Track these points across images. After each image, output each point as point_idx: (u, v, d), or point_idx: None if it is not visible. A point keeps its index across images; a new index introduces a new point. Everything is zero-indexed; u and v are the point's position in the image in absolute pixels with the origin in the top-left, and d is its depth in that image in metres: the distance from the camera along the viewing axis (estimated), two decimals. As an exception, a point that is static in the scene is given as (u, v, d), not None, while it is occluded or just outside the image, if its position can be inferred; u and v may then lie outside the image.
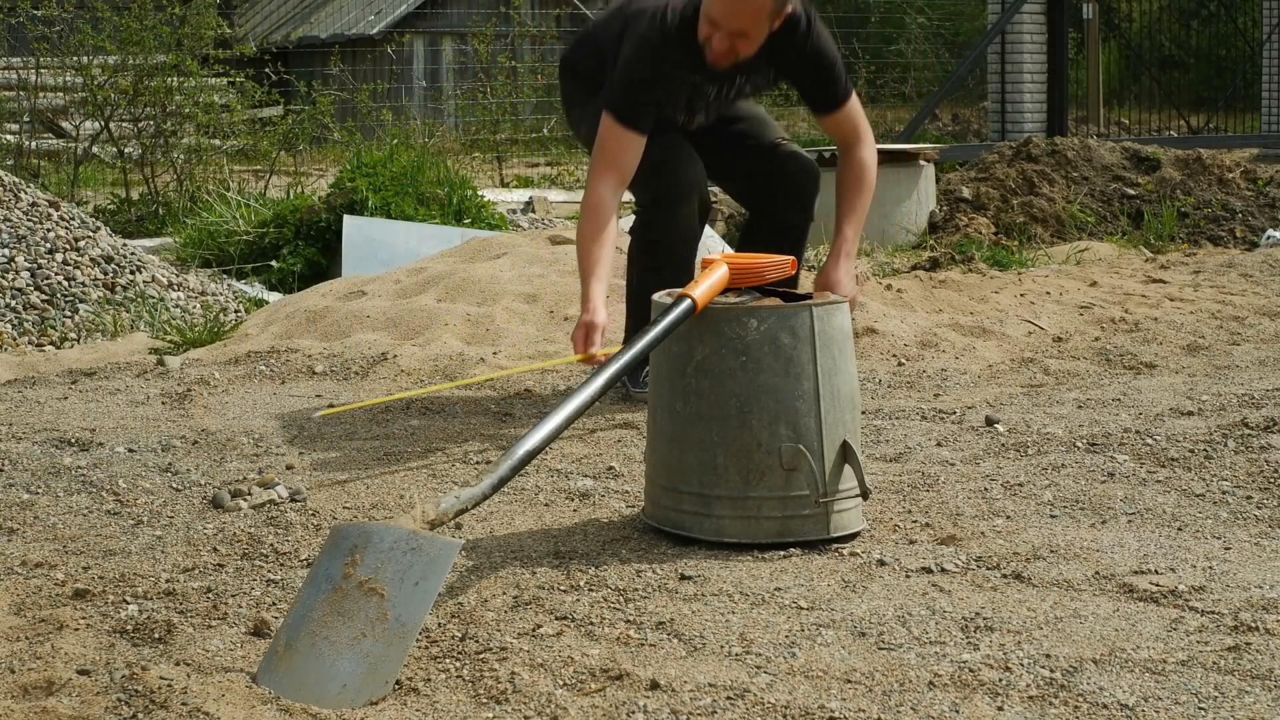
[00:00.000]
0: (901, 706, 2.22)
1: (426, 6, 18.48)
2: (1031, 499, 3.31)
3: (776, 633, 2.51)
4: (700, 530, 2.99)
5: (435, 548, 2.39)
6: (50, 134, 11.88)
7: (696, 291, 2.97)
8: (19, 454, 3.68)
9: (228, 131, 10.54)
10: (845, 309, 3.05)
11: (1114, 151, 9.39)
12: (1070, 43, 14.56)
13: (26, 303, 5.69)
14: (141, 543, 3.02)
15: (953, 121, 17.64)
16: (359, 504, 3.29)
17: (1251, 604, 2.62)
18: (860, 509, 3.06)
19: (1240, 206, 8.75)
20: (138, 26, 9.74)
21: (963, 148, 12.27)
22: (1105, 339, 5.30)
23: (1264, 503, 3.26)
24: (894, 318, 5.37)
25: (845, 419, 3.00)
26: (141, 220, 9.27)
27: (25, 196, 6.22)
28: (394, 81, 17.50)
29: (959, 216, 8.63)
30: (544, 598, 2.68)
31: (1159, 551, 2.93)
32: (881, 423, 4.07)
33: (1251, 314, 5.74)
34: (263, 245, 7.63)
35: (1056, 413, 4.15)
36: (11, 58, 11.52)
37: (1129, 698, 2.23)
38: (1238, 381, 4.54)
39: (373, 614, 2.33)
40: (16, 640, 2.45)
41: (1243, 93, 17.29)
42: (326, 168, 12.47)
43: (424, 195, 8.04)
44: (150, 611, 2.60)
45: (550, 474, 3.57)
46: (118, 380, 4.66)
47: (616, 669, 2.34)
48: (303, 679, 2.28)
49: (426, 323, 5.23)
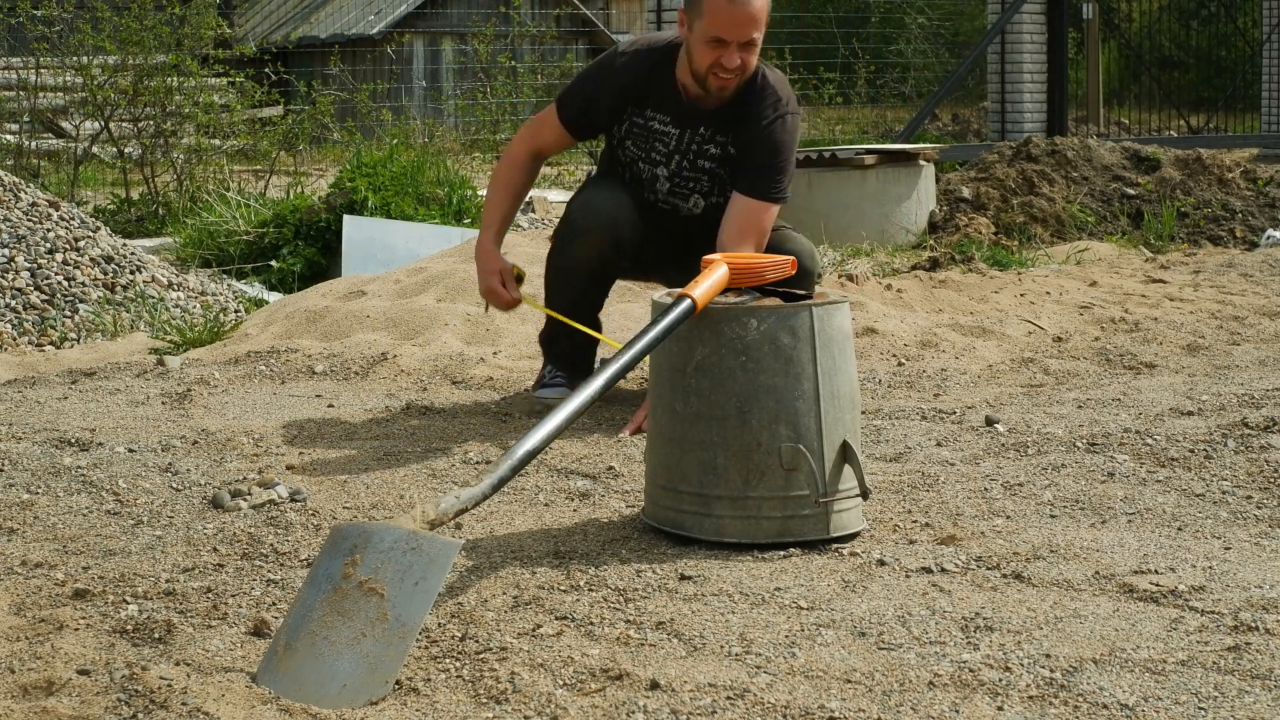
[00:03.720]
0: (901, 706, 2.22)
1: (426, 6, 18.48)
2: (1031, 499, 3.31)
3: (776, 633, 2.51)
4: (700, 530, 2.99)
5: (435, 548, 2.39)
6: (50, 134, 11.88)
7: (696, 291, 2.97)
8: (19, 454, 3.68)
9: (228, 131, 10.55)
10: (845, 309, 3.05)
11: (1114, 151, 9.39)
12: (1070, 43, 14.56)
13: (26, 303, 5.69)
14: (141, 543, 3.02)
15: (953, 121, 17.65)
16: (359, 504, 3.29)
17: (1251, 604, 2.62)
18: (860, 509, 3.06)
19: (1240, 206, 8.75)
20: (138, 26, 9.74)
21: (963, 148, 12.27)
22: (1105, 339, 5.30)
23: (1264, 503, 3.26)
24: (894, 318, 5.37)
25: (845, 419, 3.00)
26: (141, 220, 9.27)
27: (25, 196, 6.22)
28: (394, 81, 17.50)
29: (959, 216, 8.63)
30: (544, 598, 2.68)
31: (1159, 551, 2.93)
32: (881, 423, 4.07)
33: (1251, 314, 5.74)
34: (263, 245, 7.63)
35: (1056, 413, 4.15)
36: (11, 58, 11.53)
37: (1129, 698, 2.23)
38: (1238, 381, 4.54)
39: (373, 614, 2.33)
40: (16, 640, 2.45)
41: (1243, 93, 17.30)
42: (326, 168, 12.47)
43: (424, 195, 8.05)
44: (150, 611, 2.60)
45: (550, 474, 3.57)
46: (118, 380, 4.66)
47: (616, 669, 2.34)
48: (303, 679, 2.28)
49: (426, 323, 5.23)
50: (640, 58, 4.05)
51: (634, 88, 4.04)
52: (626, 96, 4.06)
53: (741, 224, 3.90)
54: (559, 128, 4.13)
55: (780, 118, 3.95)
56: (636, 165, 4.16)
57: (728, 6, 3.75)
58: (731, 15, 3.76)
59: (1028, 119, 13.14)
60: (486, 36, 14.84)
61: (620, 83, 4.05)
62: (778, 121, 3.95)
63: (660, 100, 4.04)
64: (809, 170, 8.82)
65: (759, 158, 3.95)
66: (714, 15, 3.77)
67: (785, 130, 3.96)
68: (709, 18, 3.78)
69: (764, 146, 3.95)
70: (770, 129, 3.95)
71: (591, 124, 4.15)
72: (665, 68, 4.02)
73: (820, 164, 8.86)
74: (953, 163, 10.90)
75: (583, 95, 4.11)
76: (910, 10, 20.60)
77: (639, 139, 4.11)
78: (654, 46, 4.07)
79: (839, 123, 16.94)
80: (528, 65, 16.95)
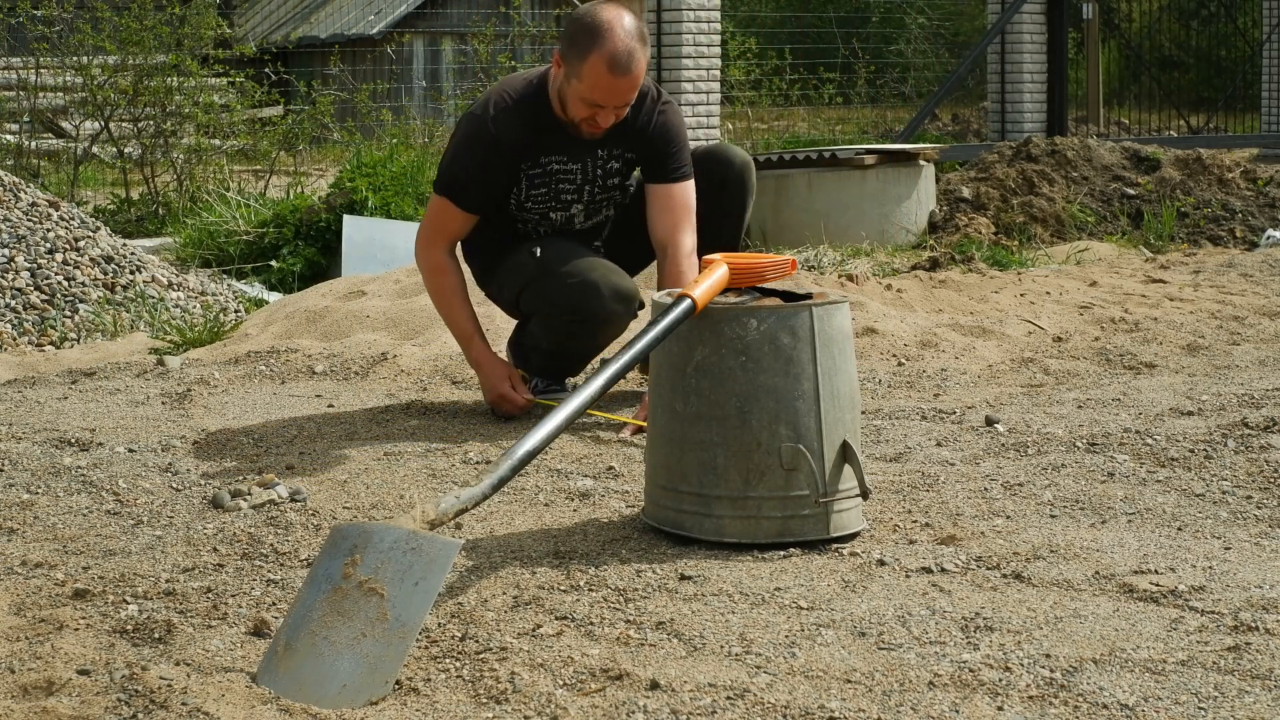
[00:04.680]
0: (901, 706, 2.22)
1: (426, 6, 18.48)
2: (1031, 499, 3.31)
3: (776, 633, 2.51)
4: (700, 530, 2.99)
5: (435, 548, 2.39)
6: (50, 134, 11.88)
7: (696, 291, 2.97)
8: (19, 454, 3.68)
9: (228, 131, 10.55)
10: (845, 309, 3.05)
11: (1114, 151, 9.39)
12: (1070, 43, 14.56)
13: (26, 303, 5.69)
14: (141, 543, 3.02)
15: (953, 121, 17.64)
16: (359, 504, 3.29)
17: (1251, 604, 2.62)
18: (860, 509, 3.06)
19: (1240, 206, 8.75)
20: (138, 26, 9.75)
21: (963, 148, 12.27)
22: (1105, 339, 5.30)
23: (1264, 503, 3.26)
24: (894, 318, 5.37)
25: (845, 419, 3.00)
26: (141, 220, 9.28)
27: (25, 196, 6.22)
28: (394, 81, 17.50)
29: (959, 216, 8.63)
30: (544, 598, 2.68)
31: (1159, 551, 2.93)
32: (881, 423, 4.07)
33: (1251, 314, 5.74)
34: (263, 245, 7.63)
35: (1056, 413, 4.15)
36: (11, 58, 11.53)
37: (1129, 698, 2.23)
38: (1238, 381, 4.54)
39: (373, 614, 2.33)
40: (16, 640, 2.45)
41: (1243, 93, 17.30)
42: (326, 168, 12.47)
43: (424, 195, 8.05)
44: (150, 611, 2.60)
45: (550, 474, 3.57)
46: (118, 380, 4.66)
47: (616, 669, 2.34)
48: (303, 679, 2.28)
49: (426, 323, 5.23)
50: (510, 115, 3.92)
51: (519, 142, 3.93)
52: (519, 153, 3.95)
53: (675, 211, 4.02)
54: (460, 214, 4.01)
55: (662, 110, 4.02)
56: (548, 217, 4.10)
57: (609, 78, 3.73)
58: (612, 86, 3.75)
59: (1028, 119, 13.14)
60: (486, 36, 14.82)
61: (504, 143, 3.92)
62: (660, 113, 4.02)
63: (551, 143, 3.96)
64: (809, 170, 8.82)
65: (662, 149, 4.03)
66: (594, 83, 3.74)
67: (671, 117, 4.04)
68: (588, 82, 3.74)
69: (661, 139, 4.02)
70: (661, 123, 4.01)
71: (489, 196, 4.02)
72: (541, 112, 3.93)
73: (820, 164, 8.86)
74: (953, 163, 10.89)
75: (472, 172, 3.97)
76: (910, 10, 20.59)
77: (541, 190, 4.03)
78: (518, 97, 3.94)
79: (839, 123, 16.93)
80: (528, 65, 16.95)
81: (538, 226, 4.14)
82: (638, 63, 3.74)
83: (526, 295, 4.09)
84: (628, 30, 3.73)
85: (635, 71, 3.75)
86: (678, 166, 4.04)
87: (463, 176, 3.99)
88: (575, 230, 4.17)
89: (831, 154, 8.93)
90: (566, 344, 4.14)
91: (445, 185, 4.03)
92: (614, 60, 3.71)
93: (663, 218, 4.02)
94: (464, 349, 4.16)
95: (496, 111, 3.93)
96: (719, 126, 11.60)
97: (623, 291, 3.97)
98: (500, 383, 4.08)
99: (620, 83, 3.75)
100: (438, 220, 4.06)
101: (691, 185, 4.06)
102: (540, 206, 4.08)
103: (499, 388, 4.08)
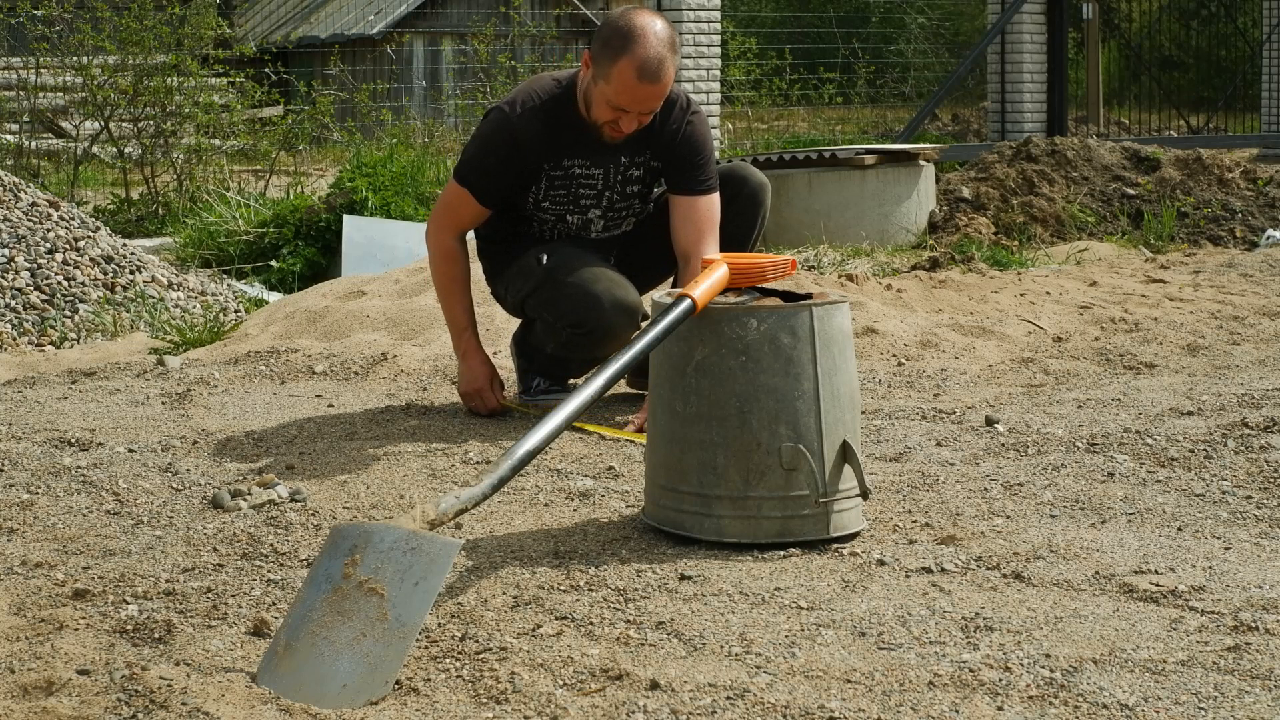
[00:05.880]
0: (901, 706, 2.22)
1: (426, 6, 18.48)
2: (1031, 499, 3.31)
3: (776, 633, 2.51)
4: (700, 530, 2.99)
5: (435, 548, 2.39)
6: (50, 134, 11.88)
7: (696, 291, 2.97)
8: (19, 454, 3.68)
9: (228, 131, 10.55)
10: (845, 309, 3.05)
11: (1114, 151, 9.39)
12: (1070, 43, 14.56)
13: (26, 303, 5.69)
14: (141, 543, 3.02)
15: (953, 121, 17.64)
16: (359, 504, 3.30)
17: (1251, 604, 2.62)
18: (860, 509, 3.06)
19: (1240, 206, 8.75)
20: (138, 26, 9.75)
21: (963, 148, 12.27)
22: (1105, 339, 5.30)
23: (1264, 503, 3.26)
24: (894, 318, 5.37)
25: (845, 419, 3.00)
26: (141, 220, 9.28)
27: (25, 196, 6.22)
28: (394, 81, 17.51)
29: (959, 216, 8.63)
30: (544, 598, 2.68)
31: (1159, 551, 2.93)
32: (881, 423, 4.08)
33: (1251, 314, 5.74)
34: (263, 245, 7.63)
35: (1056, 413, 4.15)
36: (11, 58, 11.53)
37: (1129, 698, 2.23)
38: (1238, 381, 4.54)
39: (373, 614, 2.33)
40: (16, 640, 2.45)
41: (1243, 93, 17.30)
42: (326, 168, 12.47)
43: (424, 195, 8.05)
44: (150, 611, 2.60)
45: (550, 474, 3.57)
46: (118, 380, 4.66)
47: (616, 669, 2.34)
48: (303, 679, 2.28)
49: (426, 323, 5.24)
50: (534, 114, 3.91)
51: (542, 143, 3.93)
52: (541, 153, 3.95)
53: (699, 223, 3.99)
54: (476, 205, 4.02)
55: (690, 120, 4.01)
56: (564, 219, 4.10)
57: (636, 84, 3.72)
58: (638, 92, 3.74)
59: (1028, 119, 13.14)
60: (486, 36, 14.82)
61: (526, 142, 3.92)
62: (689, 123, 4.01)
63: (574, 146, 3.96)
64: (809, 170, 8.82)
65: (687, 159, 4.01)
66: (621, 87, 3.74)
67: (698, 127, 4.03)
68: (615, 86, 3.74)
69: (688, 147, 4.01)
70: (687, 133, 4.00)
71: (507, 191, 4.02)
72: (566, 113, 3.92)
73: (820, 164, 8.87)
74: (953, 163, 10.90)
75: (492, 166, 3.97)
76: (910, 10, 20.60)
77: (561, 192, 4.03)
78: (545, 97, 3.93)
79: (839, 123, 16.94)
80: (528, 65, 16.95)
81: (553, 229, 4.13)
82: (667, 70, 3.73)
83: (531, 301, 4.10)
84: (660, 37, 3.71)
85: (664, 79, 3.74)
86: (704, 178, 4.02)
87: (482, 169, 3.99)
88: (590, 239, 4.16)
89: (831, 154, 8.93)
90: (568, 351, 4.15)
91: (464, 175, 4.03)
92: (643, 66, 3.70)
93: (686, 228, 4.00)
94: (454, 338, 4.19)
95: (523, 110, 3.93)
96: (719, 126, 11.59)
97: (625, 304, 3.96)
98: (479, 379, 4.12)
99: (647, 89, 3.74)
100: (452, 206, 4.07)
101: (716, 199, 4.04)
102: (557, 208, 4.08)
103: (476, 383, 4.12)
